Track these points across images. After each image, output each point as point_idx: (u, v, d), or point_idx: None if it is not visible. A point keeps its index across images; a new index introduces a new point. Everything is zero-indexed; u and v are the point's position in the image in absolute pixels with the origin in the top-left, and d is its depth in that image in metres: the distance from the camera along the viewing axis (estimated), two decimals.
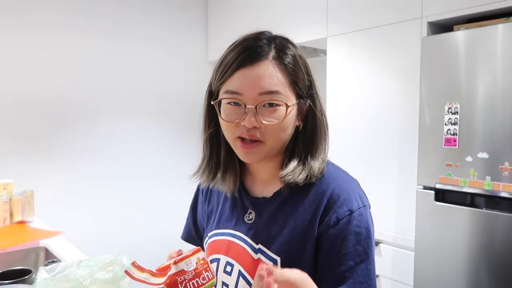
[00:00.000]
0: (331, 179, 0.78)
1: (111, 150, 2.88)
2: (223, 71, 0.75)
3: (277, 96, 0.72)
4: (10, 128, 2.50)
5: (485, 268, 1.61)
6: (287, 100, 0.74)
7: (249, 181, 0.88)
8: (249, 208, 0.85)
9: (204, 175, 0.87)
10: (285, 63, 0.74)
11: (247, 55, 0.73)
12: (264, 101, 0.72)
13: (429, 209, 1.78)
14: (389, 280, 2.01)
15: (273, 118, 0.73)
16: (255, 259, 0.78)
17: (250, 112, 0.72)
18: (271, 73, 0.72)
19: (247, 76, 0.72)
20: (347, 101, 2.20)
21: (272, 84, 0.72)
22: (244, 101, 0.73)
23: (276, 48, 0.75)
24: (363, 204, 0.77)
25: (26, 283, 1.09)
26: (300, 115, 0.79)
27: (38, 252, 1.67)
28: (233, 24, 2.98)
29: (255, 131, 0.74)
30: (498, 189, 1.56)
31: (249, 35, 0.77)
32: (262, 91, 0.72)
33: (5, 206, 1.92)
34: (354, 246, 0.73)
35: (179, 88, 3.15)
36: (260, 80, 0.72)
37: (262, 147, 0.76)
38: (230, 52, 0.75)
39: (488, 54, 1.58)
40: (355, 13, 2.12)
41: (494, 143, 1.57)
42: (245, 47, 0.74)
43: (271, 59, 0.73)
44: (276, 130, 0.74)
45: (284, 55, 0.74)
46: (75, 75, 2.71)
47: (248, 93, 0.72)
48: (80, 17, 2.70)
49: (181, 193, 3.08)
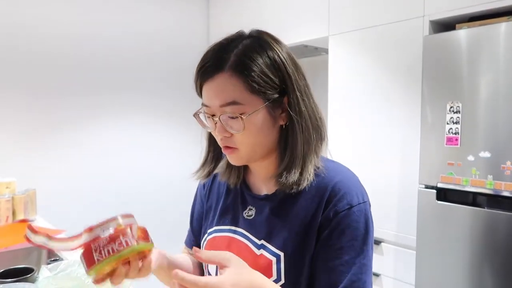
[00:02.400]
0: (334, 173, 0.79)
1: (114, 149, 2.89)
2: (195, 85, 0.79)
3: (235, 107, 0.73)
4: (13, 127, 2.50)
5: (487, 268, 1.61)
6: (249, 107, 0.73)
7: (251, 178, 0.89)
8: (250, 204, 0.85)
9: (206, 168, 0.89)
10: (243, 71, 0.73)
11: (204, 70, 0.75)
12: (224, 113, 0.74)
13: (431, 208, 1.78)
14: (391, 279, 2.01)
15: (238, 127, 0.74)
16: (258, 255, 0.78)
17: (218, 123, 0.76)
18: (227, 84, 0.73)
19: (208, 89, 0.75)
20: (349, 100, 2.19)
21: (228, 95, 0.73)
22: (212, 112, 0.76)
23: (236, 54, 0.74)
24: (363, 200, 0.77)
25: (28, 281, 1.10)
26: (284, 113, 0.78)
27: (40, 250, 1.67)
28: (234, 23, 2.98)
29: (227, 139, 0.77)
30: (500, 188, 1.56)
31: (213, 46, 0.77)
32: (221, 103, 0.74)
33: (7, 205, 1.93)
34: (351, 241, 0.73)
35: (179, 88, 3.15)
36: (218, 93, 0.74)
37: (238, 153, 0.78)
38: (197, 65, 0.77)
39: (490, 53, 1.58)
40: (357, 11, 2.12)
41: (496, 142, 1.57)
42: (203, 62, 0.76)
43: (227, 69, 0.73)
44: (245, 137, 0.75)
45: (243, 62, 0.73)
46: (77, 75, 2.71)
47: (213, 106, 0.75)
48: (79, 26, 2.70)
49: (184, 192, 3.09)
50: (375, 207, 0.82)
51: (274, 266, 0.75)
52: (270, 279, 0.72)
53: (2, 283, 1.07)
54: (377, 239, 2.04)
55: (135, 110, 2.99)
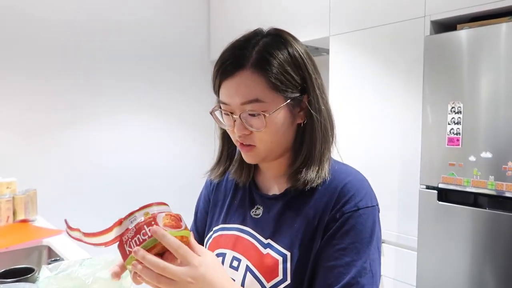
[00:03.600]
0: (344, 175, 0.78)
1: (114, 150, 2.89)
2: (213, 83, 0.78)
3: (257, 104, 0.73)
4: (13, 127, 2.51)
5: (488, 268, 1.60)
6: (270, 105, 0.73)
7: (260, 177, 0.89)
8: (258, 203, 0.85)
9: (221, 167, 0.89)
10: (265, 68, 0.72)
11: (225, 68, 0.74)
12: (245, 111, 0.74)
13: (432, 209, 1.77)
14: (392, 280, 2.01)
15: (259, 125, 0.74)
16: (264, 254, 0.77)
17: (237, 121, 0.75)
18: (248, 81, 0.73)
19: (229, 86, 0.74)
20: (350, 100, 2.19)
21: (250, 93, 0.72)
22: (231, 110, 0.75)
23: (258, 52, 0.73)
24: (372, 204, 0.76)
25: (29, 281, 1.10)
26: (302, 112, 0.78)
27: (41, 250, 1.67)
28: (235, 23, 2.98)
29: (246, 137, 0.76)
30: (502, 188, 1.55)
31: (229, 46, 0.77)
32: (242, 101, 0.73)
33: (8, 205, 1.93)
34: (354, 243, 0.72)
35: (183, 89, 3.15)
36: (238, 90, 0.73)
37: (256, 151, 0.77)
38: (215, 65, 0.77)
39: (491, 53, 1.57)
40: (358, 12, 2.12)
41: (498, 142, 1.56)
42: (223, 59, 0.75)
43: (249, 66, 0.73)
44: (265, 136, 0.75)
45: (264, 59, 0.73)
46: (78, 75, 2.72)
47: (233, 103, 0.74)
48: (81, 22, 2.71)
49: (185, 191, 3.08)
50: None
51: (280, 266, 0.75)
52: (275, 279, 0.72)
53: (2, 283, 1.07)
54: None
55: (138, 109, 2.99)
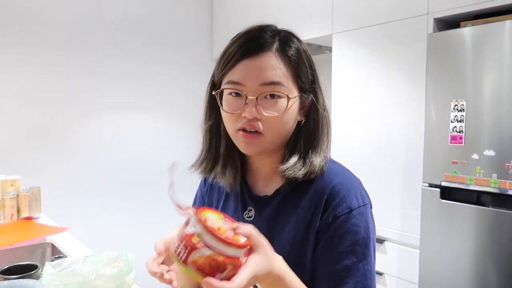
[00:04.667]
0: (332, 175, 0.77)
1: (117, 148, 2.90)
2: (226, 61, 0.75)
3: (279, 87, 0.72)
4: (18, 126, 2.52)
5: (491, 267, 1.60)
6: (289, 92, 0.73)
7: (251, 178, 0.87)
8: (249, 205, 0.84)
9: (202, 166, 0.86)
10: (288, 56, 0.74)
11: (250, 46, 0.73)
12: (265, 92, 0.72)
13: (435, 207, 1.77)
14: (394, 278, 2.01)
15: (274, 110, 0.72)
16: None
17: (251, 103, 0.72)
18: (274, 64, 0.72)
19: (249, 66, 0.72)
20: (352, 98, 2.19)
21: (274, 75, 0.72)
22: (246, 91, 0.72)
23: (280, 40, 0.75)
24: (364, 203, 0.75)
25: (32, 278, 1.10)
26: (303, 110, 0.79)
27: (44, 248, 1.68)
28: (238, 21, 2.97)
29: (256, 122, 0.73)
30: (505, 187, 1.55)
31: (253, 27, 0.77)
32: (264, 81, 0.71)
33: (12, 202, 1.94)
34: (352, 246, 0.71)
35: (186, 88, 3.15)
36: (262, 71, 0.72)
37: (262, 138, 0.75)
38: (233, 42, 0.75)
39: (495, 51, 1.57)
40: (361, 9, 2.11)
41: (501, 140, 1.56)
42: (249, 38, 0.74)
43: (274, 50, 0.73)
44: (276, 123, 0.74)
45: (288, 48, 0.74)
46: (83, 74, 2.72)
47: (250, 84, 0.72)
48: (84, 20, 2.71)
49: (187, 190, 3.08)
50: (379, 206, 0.82)
51: None
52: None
53: (6, 280, 1.07)
54: (381, 237, 2.04)
55: (140, 106, 2.99)
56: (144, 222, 2.97)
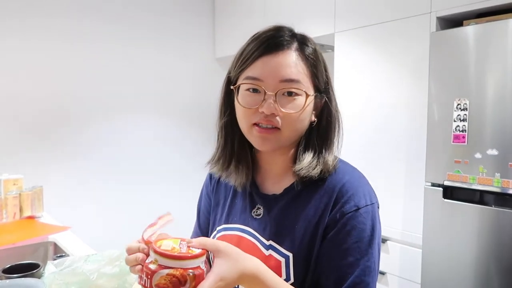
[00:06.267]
0: (342, 174, 0.78)
1: (119, 147, 2.90)
2: (245, 58, 0.76)
3: (297, 85, 0.74)
4: (21, 125, 2.53)
5: (494, 266, 1.59)
6: (307, 90, 0.75)
7: (260, 177, 0.88)
8: (258, 203, 0.84)
9: (218, 163, 0.86)
10: (307, 55, 0.76)
11: (271, 43, 0.74)
12: (284, 88, 0.73)
13: (437, 206, 1.76)
14: (396, 277, 2.00)
15: (292, 107, 0.74)
16: (266, 255, 0.77)
17: (269, 99, 0.73)
18: (294, 62, 0.74)
19: (269, 63, 0.74)
20: (355, 97, 2.18)
21: (294, 73, 0.74)
22: (265, 87, 0.73)
23: (298, 40, 0.77)
24: (371, 202, 0.76)
25: (34, 277, 1.11)
26: (315, 111, 0.80)
27: (47, 246, 1.69)
28: (240, 21, 2.97)
29: (273, 117, 0.74)
30: (508, 186, 1.54)
31: (272, 27, 0.79)
32: (283, 78, 0.73)
33: (15, 201, 1.95)
34: (357, 243, 0.72)
35: (188, 87, 3.15)
36: (282, 68, 0.73)
37: (279, 134, 0.75)
38: (253, 40, 0.77)
39: (498, 50, 1.56)
40: (363, 8, 2.10)
41: (504, 139, 1.55)
42: (269, 36, 0.76)
43: (294, 49, 0.75)
44: (293, 120, 0.75)
45: (306, 47, 0.77)
46: (86, 75, 2.73)
47: (269, 80, 0.73)
48: (89, 21, 2.72)
49: (189, 189, 3.09)
50: (381, 205, 0.82)
51: (283, 267, 0.75)
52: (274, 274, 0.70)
53: (8, 278, 1.08)
54: (383, 237, 2.03)
55: (142, 108, 3.00)
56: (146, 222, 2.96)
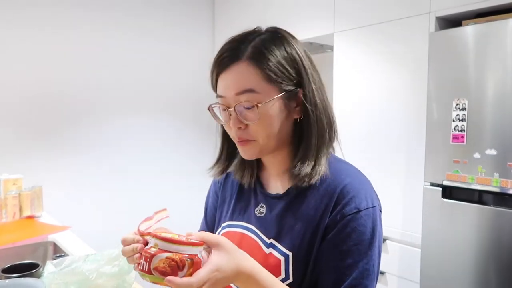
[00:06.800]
0: (344, 175, 0.78)
1: (119, 146, 2.90)
2: (211, 78, 0.80)
3: (251, 94, 0.73)
4: (20, 125, 2.52)
5: (493, 266, 1.60)
6: (265, 96, 0.74)
7: (265, 175, 0.89)
8: (261, 201, 0.86)
9: (220, 166, 0.89)
10: (260, 60, 0.74)
11: (221, 60, 0.76)
12: (239, 101, 0.74)
13: (436, 206, 1.77)
14: (395, 277, 2.01)
15: (254, 117, 0.74)
16: (267, 253, 0.78)
17: (232, 114, 0.76)
18: (243, 72, 0.74)
19: (225, 79, 0.76)
20: (354, 97, 2.18)
21: (244, 83, 0.74)
22: (226, 104, 0.76)
23: (253, 46, 0.75)
24: (373, 205, 0.76)
25: (33, 276, 1.11)
26: (299, 107, 0.79)
27: (46, 246, 1.69)
28: (240, 20, 2.97)
29: (242, 131, 0.77)
30: (506, 186, 1.54)
31: (226, 42, 0.79)
32: (237, 91, 0.74)
33: (14, 201, 1.95)
34: (356, 245, 0.73)
35: (187, 84, 3.16)
36: (234, 81, 0.75)
37: (256, 144, 0.77)
38: (214, 58, 0.79)
39: (497, 50, 1.56)
40: (362, 8, 2.11)
41: (503, 139, 1.55)
42: (221, 53, 0.77)
43: (244, 59, 0.74)
44: (262, 128, 0.75)
45: (260, 52, 0.74)
46: (84, 72, 2.73)
47: (227, 96, 0.76)
48: (87, 14, 2.72)
49: (190, 188, 3.10)
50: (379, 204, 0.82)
51: (283, 265, 0.75)
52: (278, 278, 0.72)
53: (8, 278, 1.08)
54: (383, 237, 2.03)
55: (143, 107, 3.00)
56: None
